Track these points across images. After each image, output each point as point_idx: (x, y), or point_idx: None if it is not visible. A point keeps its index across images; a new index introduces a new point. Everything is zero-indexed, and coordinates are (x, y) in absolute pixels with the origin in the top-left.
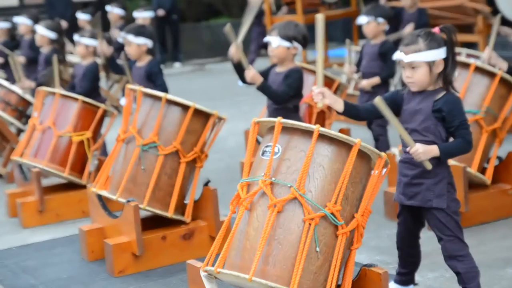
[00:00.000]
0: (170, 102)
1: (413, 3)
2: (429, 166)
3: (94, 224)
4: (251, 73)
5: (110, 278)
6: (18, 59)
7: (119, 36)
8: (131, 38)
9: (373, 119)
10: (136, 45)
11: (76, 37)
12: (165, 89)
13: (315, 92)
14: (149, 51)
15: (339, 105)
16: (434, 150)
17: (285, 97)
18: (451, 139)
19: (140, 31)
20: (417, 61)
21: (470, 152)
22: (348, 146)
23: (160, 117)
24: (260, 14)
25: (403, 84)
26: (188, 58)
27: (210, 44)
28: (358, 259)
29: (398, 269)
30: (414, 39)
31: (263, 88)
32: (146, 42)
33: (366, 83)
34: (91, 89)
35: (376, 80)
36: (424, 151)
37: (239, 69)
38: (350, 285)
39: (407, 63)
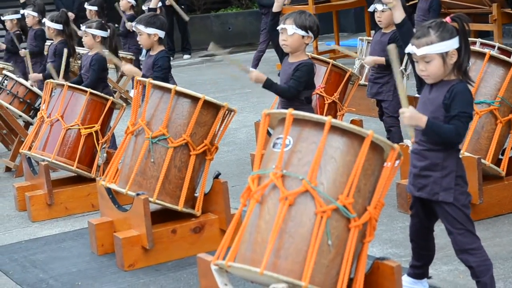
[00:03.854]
0: (179, 94)
1: None
2: (411, 134)
3: (103, 217)
4: (254, 74)
5: (119, 272)
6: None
7: (129, 26)
8: (141, 28)
9: None
10: (147, 34)
11: (83, 27)
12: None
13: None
14: (161, 41)
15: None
16: (421, 119)
17: (293, 92)
18: None
19: (150, 21)
20: (430, 54)
21: (484, 144)
22: (360, 138)
23: (169, 109)
24: (270, 5)
25: (418, 78)
26: (197, 49)
27: (220, 34)
28: (370, 252)
29: (412, 262)
30: (425, 31)
31: (269, 87)
32: (156, 32)
33: (370, 60)
34: (98, 80)
35: (380, 59)
36: (411, 116)
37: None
38: (363, 278)
39: (419, 56)
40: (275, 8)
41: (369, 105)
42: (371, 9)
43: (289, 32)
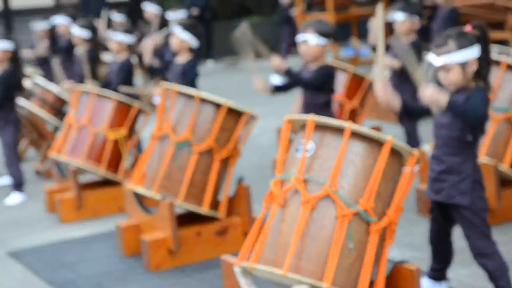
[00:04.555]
0: (203, 100)
1: (447, 0)
2: (435, 111)
3: (130, 220)
4: (276, 60)
5: (146, 273)
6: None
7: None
8: (178, 30)
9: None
10: (180, 39)
11: (109, 33)
12: None
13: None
14: (191, 50)
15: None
16: (442, 98)
17: (312, 82)
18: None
19: (187, 27)
20: (449, 63)
21: (502, 149)
22: (380, 143)
23: (193, 115)
24: (290, 13)
25: (438, 84)
26: (220, 56)
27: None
28: (391, 255)
29: (431, 265)
30: (444, 41)
31: (289, 74)
32: (189, 40)
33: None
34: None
35: (395, 63)
36: (431, 95)
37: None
38: (383, 281)
39: (439, 66)
40: None
41: (388, 111)
42: (390, 19)
43: (311, 42)
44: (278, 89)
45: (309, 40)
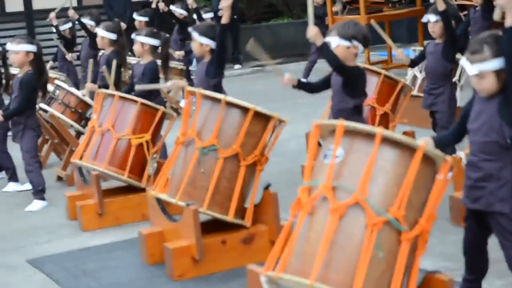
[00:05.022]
0: (229, 104)
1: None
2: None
3: (153, 227)
4: (314, 30)
5: (169, 282)
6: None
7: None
8: (195, 35)
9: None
10: (199, 43)
11: (132, 35)
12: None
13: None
14: (213, 52)
15: None
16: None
17: (342, 65)
18: None
19: (204, 32)
20: (483, 71)
21: None
22: (412, 150)
23: (219, 119)
24: (322, 15)
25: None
26: (248, 60)
27: (271, 45)
28: (422, 265)
29: (464, 275)
30: (479, 47)
31: (323, 48)
32: (209, 43)
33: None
34: (151, 89)
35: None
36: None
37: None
38: None
39: (473, 73)
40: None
41: (421, 116)
42: (424, 19)
43: (333, 44)
44: (303, 86)
45: (332, 42)
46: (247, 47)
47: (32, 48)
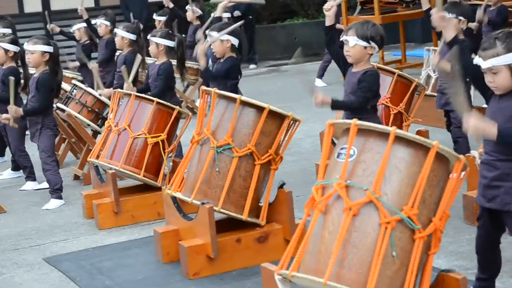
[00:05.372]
0: (244, 103)
1: (497, 0)
2: (479, 142)
3: (169, 226)
4: (320, 97)
5: (184, 280)
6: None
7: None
8: (214, 34)
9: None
10: (220, 41)
11: (148, 36)
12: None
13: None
14: (234, 48)
15: None
16: (490, 129)
17: (362, 102)
18: None
19: (222, 28)
20: (497, 66)
21: None
22: (425, 149)
23: (234, 118)
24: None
25: (484, 90)
26: (263, 59)
27: (286, 45)
28: (436, 264)
29: (478, 274)
30: (491, 43)
31: (338, 106)
32: (229, 38)
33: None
34: (166, 89)
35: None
36: (476, 127)
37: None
38: None
39: (486, 68)
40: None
41: (435, 116)
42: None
43: (351, 43)
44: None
45: (350, 40)
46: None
47: (47, 48)
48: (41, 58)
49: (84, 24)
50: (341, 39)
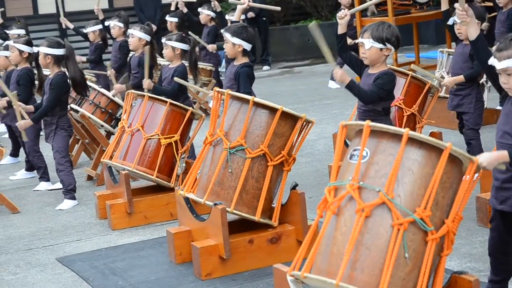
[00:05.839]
0: (257, 105)
1: (508, 2)
2: (502, 167)
3: (181, 226)
4: (340, 72)
5: (197, 281)
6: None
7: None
8: (228, 36)
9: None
10: (232, 44)
11: (163, 39)
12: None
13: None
14: (246, 53)
15: None
16: (501, 157)
17: (373, 97)
18: None
19: (238, 32)
20: (511, 67)
21: None
22: (438, 150)
23: (247, 120)
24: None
25: (501, 89)
26: (276, 61)
27: (299, 46)
28: (448, 266)
29: (490, 276)
30: (506, 44)
31: (352, 87)
32: (241, 43)
33: (450, 81)
34: (179, 91)
35: (460, 78)
36: (489, 162)
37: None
38: None
39: (501, 69)
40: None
41: (448, 118)
42: (450, 22)
43: (367, 46)
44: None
45: (365, 43)
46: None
47: (55, 51)
48: (54, 59)
49: (99, 26)
50: (356, 42)
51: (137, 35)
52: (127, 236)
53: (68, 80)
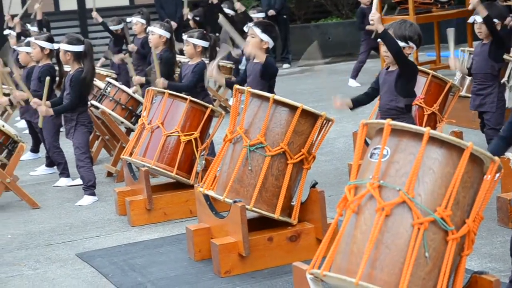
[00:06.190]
0: (277, 102)
1: None
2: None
3: (201, 224)
4: (376, 15)
5: (216, 278)
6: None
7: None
8: (257, 31)
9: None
10: (260, 39)
11: (184, 36)
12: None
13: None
14: (267, 51)
15: None
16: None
17: (402, 52)
18: None
19: (268, 29)
20: None
21: None
22: (459, 150)
23: (267, 117)
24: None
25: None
26: (297, 59)
27: (320, 44)
28: (469, 266)
29: (511, 277)
30: None
31: (385, 33)
32: (268, 41)
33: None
34: (196, 85)
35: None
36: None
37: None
38: None
39: None
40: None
41: (469, 117)
42: (470, 20)
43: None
44: (359, 103)
45: None
46: (310, 48)
47: (75, 48)
48: (75, 56)
49: (121, 26)
50: (378, 41)
51: (157, 32)
52: (146, 232)
53: None
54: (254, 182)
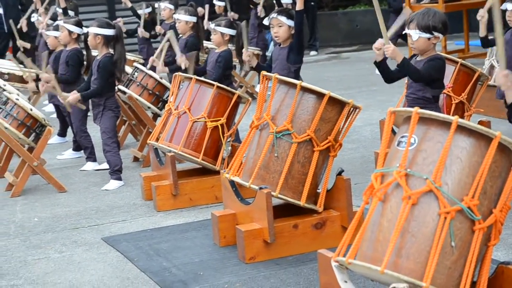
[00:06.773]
0: (304, 89)
1: None
2: None
3: (226, 209)
4: (391, 48)
5: (241, 264)
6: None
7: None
8: (283, 19)
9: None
10: (287, 26)
11: (212, 25)
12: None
13: None
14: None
15: None
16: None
17: (426, 75)
18: None
19: (292, 15)
20: None
21: None
22: (487, 139)
23: (294, 104)
24: (399, 8)
25: None
26: (324, 46)
27: (347, 32)
28: (495, 256)
29: None
30: None
31: (404, 65)
32: (293, 25)
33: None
34: (223, 76)
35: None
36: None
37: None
38: (486, 282)
39: None
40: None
41: (498, 107)
42: (502, 7)
43: (414, 37)
44: (383, 70)
45: (413, 35)
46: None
47: (105, 31)
48: (103, 40)
49: (149, 10)
50: (404, 33)
51: (183, 19)
52: (171, 217)
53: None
54: (280, 169)
